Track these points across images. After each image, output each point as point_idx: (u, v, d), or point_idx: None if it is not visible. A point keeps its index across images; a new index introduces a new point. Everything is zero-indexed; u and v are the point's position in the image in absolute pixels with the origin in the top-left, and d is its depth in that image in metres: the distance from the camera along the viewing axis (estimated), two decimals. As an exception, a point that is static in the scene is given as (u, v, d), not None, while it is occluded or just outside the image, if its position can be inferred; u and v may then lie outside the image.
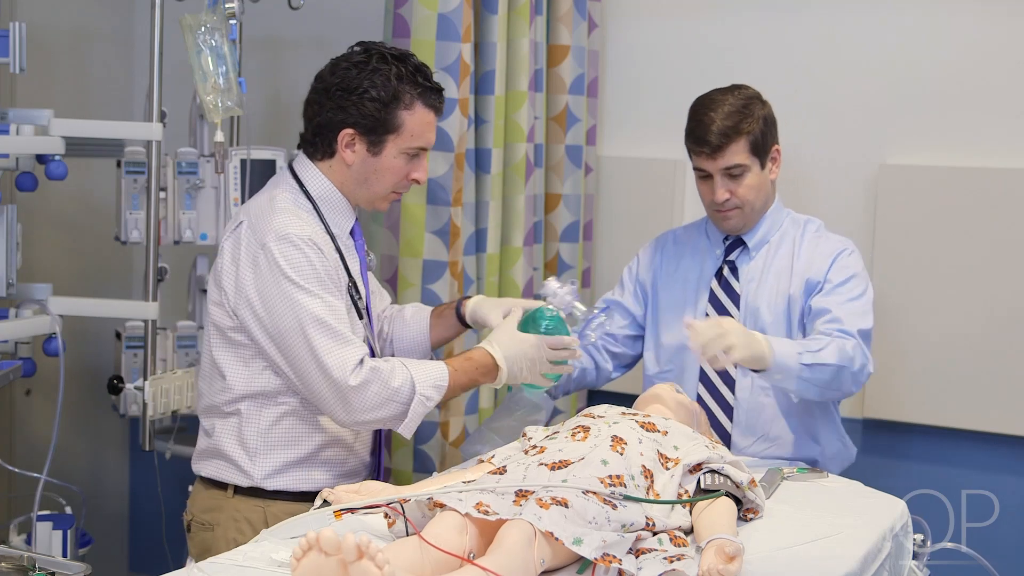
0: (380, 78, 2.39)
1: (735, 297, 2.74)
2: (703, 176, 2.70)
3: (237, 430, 2.44)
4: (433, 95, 2.45)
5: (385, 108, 2.40)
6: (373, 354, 2.49)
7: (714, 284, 2.77)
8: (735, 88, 2.71)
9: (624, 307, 2.90)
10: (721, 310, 2.74)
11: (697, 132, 2.67)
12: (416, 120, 2.43)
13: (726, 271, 2.76)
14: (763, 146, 2.67)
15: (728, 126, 2.63)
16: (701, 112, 2.68)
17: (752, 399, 2.68)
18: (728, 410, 2.70)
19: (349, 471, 2.52)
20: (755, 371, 2.48)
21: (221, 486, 2.48)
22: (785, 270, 2.71)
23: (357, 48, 2.46)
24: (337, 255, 2.44)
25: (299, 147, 2.53)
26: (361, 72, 2.40)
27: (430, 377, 2.36)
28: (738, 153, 2.64)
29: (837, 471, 2.65)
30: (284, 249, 2.33)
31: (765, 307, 2.70)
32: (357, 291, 2.50)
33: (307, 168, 2.48)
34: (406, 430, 2.36)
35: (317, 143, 2.46)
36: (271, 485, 2.44)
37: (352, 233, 2.53)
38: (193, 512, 2.54)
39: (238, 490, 2.46)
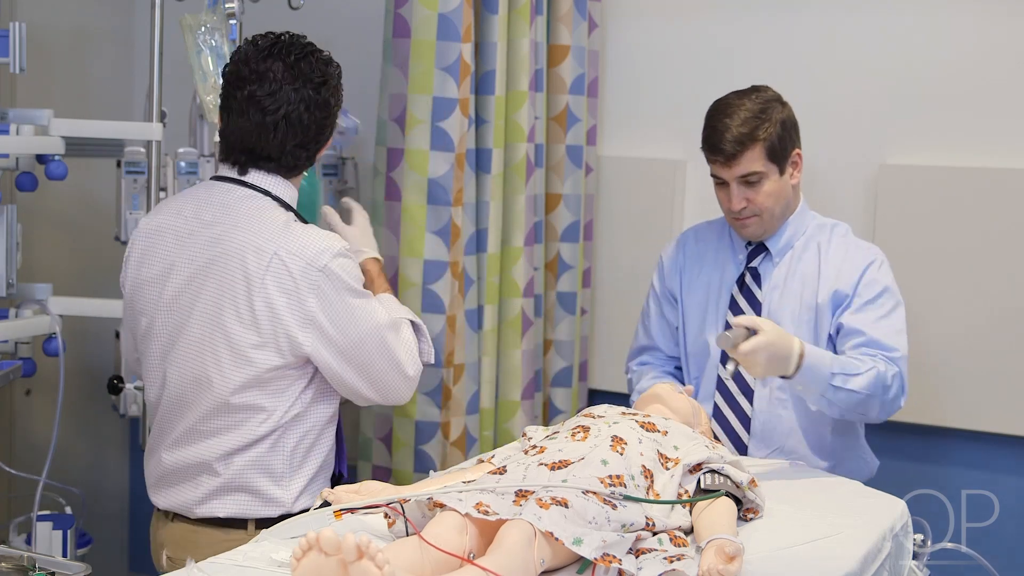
0: (336, 78, 2.41)
1: (757, 306, 2.66)
2: (720, 183, 2.63)
3: (262, 459, 2.34)
4: None
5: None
6: None
7: (735, 291, 2.69)
8: (753, 91, 2.64)
9: (667, 321, 2.81)
10: None
11: (712, 139, 2.60)
12: None
13: (748, 279, 2.69)
14: (781, 152, 2.60)
15: (743, 133, 2.56)
16: (716, 118, 2.61)
17: (770, 411, 2.62)
18: (745, 421, 2.64)
19: (331, 476, 2.51)
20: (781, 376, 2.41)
21: (238, 524, 2.35)
22: (811, 277, 2.63)
23: (278, 52, 2.36)
24: None
25: (250, 167, 2.38)
26: (335, 72, 2.40)
27: (398, 305, 2.49)
28: (754, 161, 2.57)
29: None
30: (344, 264, 2.32)
31: (788, 318, 2.62)
32: None
33: (279, 183, 2.39)
34: (429, 349, 2.51)
35: (302, 161, 2.39)
36: (299, 506, 2.36)
37: None
38: (198, 560, 2.41)
39: (260, 523, 2.31)
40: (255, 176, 2.38)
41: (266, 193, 2.37)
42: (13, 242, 2.87)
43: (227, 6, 2.90)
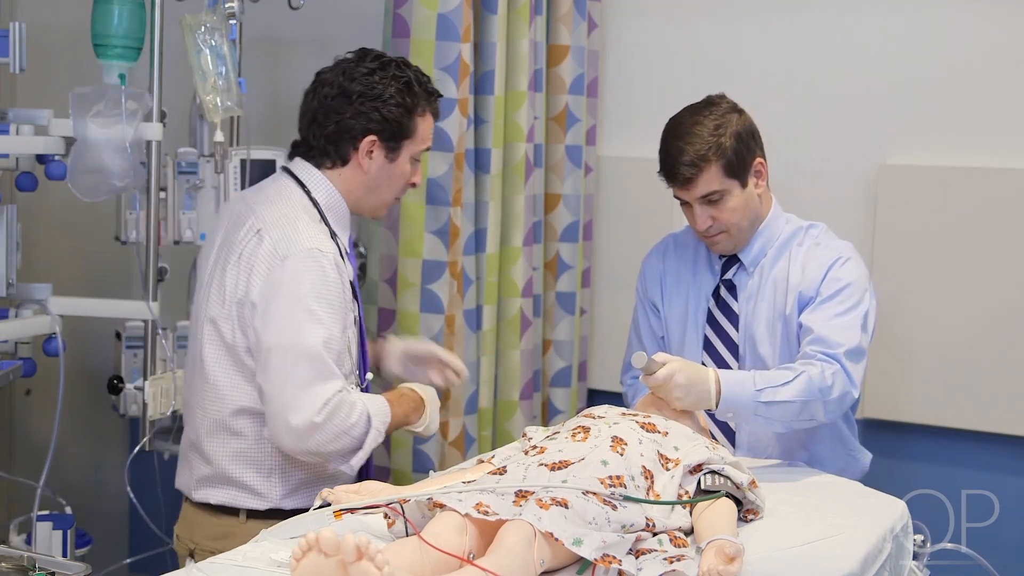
0: (403, 84, 2.41)
1: (734, 318, 2.64)
2: (684, 203, 2.61)
3: (243, 453, 2.39)
4: (437, 101, 2.51)
5: (407, 114, 2.42)
6: (364, 371, 2.52)
7: (711, 304, 2.67)
8: (707, 105, 2.59)
9: (652, 331, 2.77)
10: (721, 333, 2.65)
11: (666, 164, 2.57)
12: (426, 125, 2.48)
13: (723, 291, 2.66)
14: (739, 166, 2.54)
15: (697, 156, 2.51)
16: (669, 141, 2.57)
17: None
18: (730, 435, 2.63)
19: (349, 481, 2.50)
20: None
21: (231, 512, 2.42)
22: (781, 284, 2.59)
23: (359, 54, 2.44)
24: (348, 270, 2.42)
25: (295, 155, 2.48)
26: (383, 79, 2.40)
27: (380, 411, 2.36)
28: (712, 181, 2.52)
29: None
30: (308, 266, 2.29)
31: (764, 328, 2.59)
32: (358, 304, 2.48)
33: (313, 175, 2.44)
34: (356, 462, 2.35)
35: (329, 150, 2.42)
36: (290, 504, 2.40)
37: (349, 245, 2.50)
38: (196, 540, 2.47)
39: (251, 514, 2.41)
40: (297, 164, 2.48)
41: (297, 180, 2.45)
42: (13, 242, 2.87)
43: (227, 6, 2.89)
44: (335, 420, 2.28)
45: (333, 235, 2.41)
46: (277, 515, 2.37)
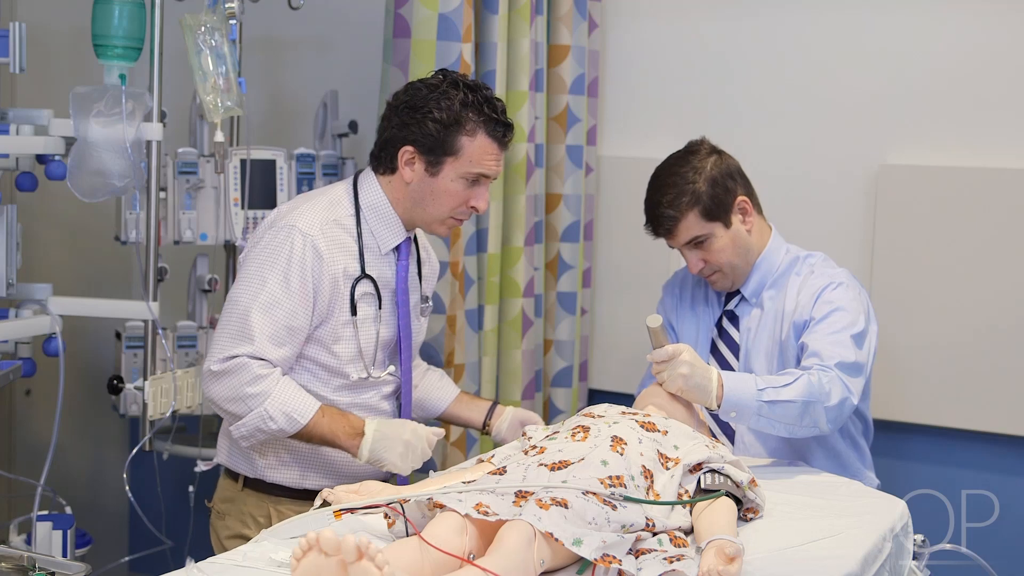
0: (446, 101, 2.43)
1: (735, 348, 2.68)
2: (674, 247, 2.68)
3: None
4: (498, 127, 2.47)
5: (445, 130, 2.42)
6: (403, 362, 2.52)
7: (714, 334, 2.71)
8: (685, 154, 2.65)
9: None
10: (722, 361, 2.68)
11: (648, 216, 2.65)
12: (476, 147, 2.44)
13: (725, 321, 2.70)
14: (718, 208, 2.59)
15: (672, 205, 2.58)
16: (649, 193, 2.65)
17: (754, 433, 2.61)
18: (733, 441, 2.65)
19: (359, 474, 2.48)
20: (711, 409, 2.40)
21: (234, 476, 2.53)
22: (779, 315, 2.64)
23: (436, 72, 2.52)
24: (354, 260, 2.44)
25: (369, 162, 2.58)
26: (430, 93, 2.44)
27: (288, 404, 2.34)
28: (691, 228, 2.59)
29: None
30: (278, 234, 2.40)
31: (763, 356, 2.63)
32: (379, 299, 2.48)
33: (367, 178, 2.53)
34: (236, 432, 2.37)
35: (382, 157, 2.51)
36: (272, 477, 2.46)
37: (398, 250, 2.53)
38: (215, 499, 2.60)
39: (247, 482, 2.50)
40: (364, 170, 2.57)
41: (356, 180, 2.54)
42: (13, 242, 2.87)
43: (227, 6, 2.89)
44: (230, 379, 2.34)
45: (360, 233, 2.46)
46: (263, 488, 2.48)
